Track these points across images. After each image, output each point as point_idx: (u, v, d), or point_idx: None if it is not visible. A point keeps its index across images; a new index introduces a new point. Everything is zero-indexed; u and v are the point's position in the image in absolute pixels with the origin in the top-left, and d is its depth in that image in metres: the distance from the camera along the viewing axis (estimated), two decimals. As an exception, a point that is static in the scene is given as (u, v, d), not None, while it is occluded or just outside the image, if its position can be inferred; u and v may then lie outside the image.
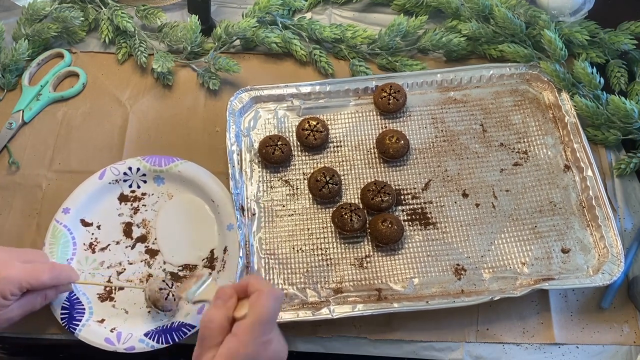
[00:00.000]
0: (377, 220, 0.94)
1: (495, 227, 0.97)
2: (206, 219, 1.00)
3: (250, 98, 1.08)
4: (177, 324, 0.90)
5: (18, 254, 0.85)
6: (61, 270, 0.86)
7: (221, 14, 1.25)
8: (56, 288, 0.86)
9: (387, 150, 1.01)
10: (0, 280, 0.78)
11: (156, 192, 1.03)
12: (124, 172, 1.03)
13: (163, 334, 0.90)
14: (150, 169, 1.03)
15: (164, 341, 0.89)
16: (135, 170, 1.03)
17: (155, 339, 0.89)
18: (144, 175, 1.03)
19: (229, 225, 0.97)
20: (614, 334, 0.92)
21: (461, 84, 1.10)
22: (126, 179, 1.03)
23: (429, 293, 0.92)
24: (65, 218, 0.99)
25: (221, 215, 0.99)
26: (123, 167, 1.03)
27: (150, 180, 1.04)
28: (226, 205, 0.99)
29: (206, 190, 1.01)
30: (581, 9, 1.11)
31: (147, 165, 1.03)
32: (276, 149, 1.01)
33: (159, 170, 1.03)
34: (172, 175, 1.03)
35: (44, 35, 1.17)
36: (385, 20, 1.21)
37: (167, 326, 0.91)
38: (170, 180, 1.04)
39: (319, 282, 0.94)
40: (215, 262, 0.97)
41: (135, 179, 1.03)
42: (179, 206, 1.02)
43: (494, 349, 0.91)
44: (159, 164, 1.03)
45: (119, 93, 1.15)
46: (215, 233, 0.99)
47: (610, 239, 0.93)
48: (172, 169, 1.02)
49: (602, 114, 1.03)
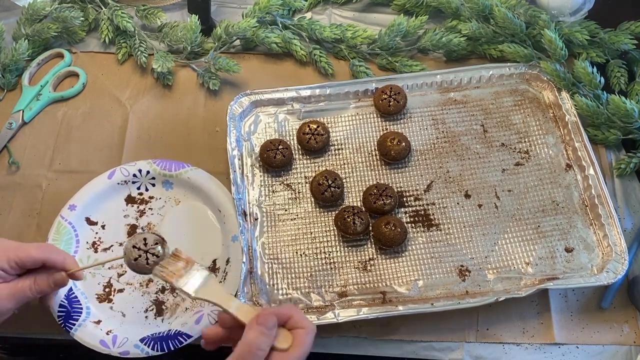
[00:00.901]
0: (380, 223, 0.94)
1: (499, 228, 0.97)
2: (211, 229, 1.00)
3: (250, 102, 1.08)
4: (173, 332, 0.90)
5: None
6: (53, 249, 0.83)
7: (221, 14, 1.25)
8: (48, 275, 0.82)
9: (389, 152, 1.01)
10: None
11: (164, 196, 1.03)
12: (134, 174, 1.02)
13: (159, 341, 0.89)
14: (160, 173, 1.02)
15: (159, 348, 0.89)
16: (145, 172, 1.02)
17: (151, 345, 0.89)
18: (153, 179, 1.03)
19: (233, 237, 0.97)
20: (614, 334, 0.92)
21: (461, 84, 1.10)
22: (135, 180, 1.03)
23: (434, 295, 0.92)
24: (70, 215, 0.98)
25: (227, 226, 0.98)
26: (133, 169, 1.02)
27: (159, 184, 1.04)
28: (232, 216, 0.98)
29: (214, 199, 1.00)
30: (581, 9, 1.11)
31: (157, 169, 1.02)
32: (277, 153, 1.01)
33: (168, 175, 1.03)
34: (181, 181, 1.02)
35: (44, 35, 1.17)
36: (385, 20, 1.21)
37: (164, 333, 0.90)
38: (178, 186, 1.03)
39: (323, 286, 0.94)
40: (217, 272, 0.96)
41: (144, 182, 1.03)
42: (185, 213, 1.02)
43: (494, 349, 0.91)
44: (169, 168, 1.02)
45: (119, 93, 1.15)
46: (219, 243, 0.99)
47: (614, 237, 0.94)
48: (181, 174, 1.02)
49: (603, 113, 1.04)
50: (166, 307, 0.94)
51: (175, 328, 0.91)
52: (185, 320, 0.91)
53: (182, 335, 0.90)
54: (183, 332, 0.90)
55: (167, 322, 0.93)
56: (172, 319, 0.93)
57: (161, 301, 0.94)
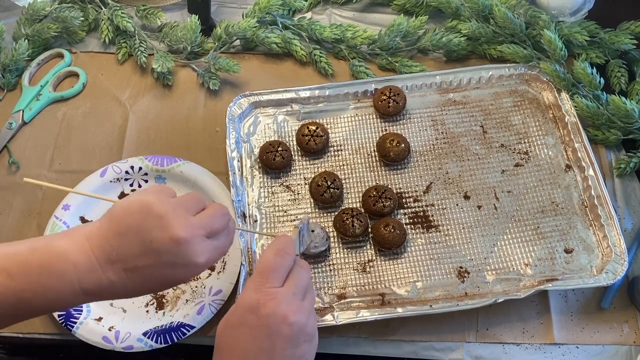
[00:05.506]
0: (380, 224, 0.94)
1: (498, 229, 0.97)
2: (207, 221, 1.00)
3: (250, 103, 1.08)
4: (176, 324, 0.90)
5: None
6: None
7: (221, 14, 1.25)
8: None
9: (388, 153, 1.01)
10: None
11: (157, 191, 1.03)
12: (126, 171, 1.02)
13: (162, 334, 0.90)
14: (152, 169, 1.03)
15: (162, 341, 0.89)
16: (137, 169, 1.03)
17: (154, 338, 0.89)
18: (145, 175, 1.03)
19: (229, 226, 0.97)
20: (614, 334, 0.92)
21: (460, 85, 1.10)
22: (127, 177, 1.03)
23: (433, 297, 0.92)
24: (64, 215, 0.98)
25: (222, 217, 0.99)
26: (125, 166, 1.03)
27: (151, 179, 1.04)
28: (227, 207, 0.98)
29: (207, 191, 1.00)
30: (581, 9, 1.11)
31: (149, 165, 1.03)
32: (277, 154, 1.01)
33: (160, 170, 1.03)
34: (174, 175, 1.03)
35: (44, 35, 1.17)
36: (385, 20, 1.21)
37: (166, 326, 0.91)
38: (171, 181, 1.03)
39: (322, 288, 0.94)
40: (215, 263, 0.97)
41: (136, 178, 1.03)
42: (180, 207, 1.02)
43: (494, 349, 0.91)
44: (161, 163, 1.03)
45: (119, 93, 1.15)
46: (215, 234, 0.99)
47: (614, 238, 0.93)
48: (174, 169, 1.02)
49: (603, 114, 1.04)
50: (167, 301, 0.94)
51: (177, 320, 0.91)
52: (187, 312, 0.92)
53: (185, 326, 0.90)
54: (186, 324, 0.90)
55: (169, 314, 0.93)
56: (173, 312, 0.93)
57: (161, 294, 0.95)
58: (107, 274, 0.64)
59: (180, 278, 0.68)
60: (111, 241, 0.64)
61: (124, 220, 0.65)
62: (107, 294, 0.65)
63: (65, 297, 0.63)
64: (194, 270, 0.67)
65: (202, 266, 0.67)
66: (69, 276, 0.62)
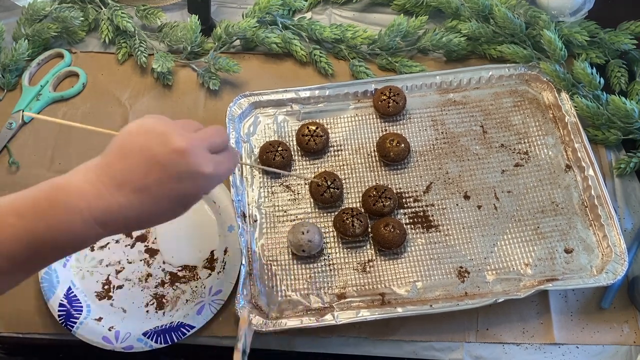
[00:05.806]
0: (380, 224, 0.94)
1: (498, 229, 0.97)
2: (207, 220, 1.00)
3: (250, 104, 1.08)
4: (176, 324, 0.91)
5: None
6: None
7: (221, 14, 1.25)
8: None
9: (388, 153, 1.01)
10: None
11: (156, 191, 1.03)
12: None
13: (162, 334, 0.90)
14: None
15: (162, 341, 0.89)
16: None
17: (154, 338, 0.89)
18: None
19: (229, 227, 0.98)
20: (614, 334, 0.92)
21: (460, 85, 1.10)
22: None
23: (433, 296, 0.92)
24: None
25: (222, 217, 0.99)
26: None
27: (151, 179, 1.03)
28: (227, 206, 0.99)
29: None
30: (581, 9, 1.11)
31: None
32: (276, 154, 1.01)
33: None
34: (175, 175, 1.02)
35: (44, 35, 1.17)
36: (385, 20, 1.21)
37: (166, 326, 0.91)
38: (170, 181, 1.03)
39: (322, 288, 0.94)
40: (215, 263, 0.97)
41: None
42: (179, 207, 1.02)
43: (494, 349, 0.92)
44: None
45: (119, 93, 1.15)
46: (215, 234, 0.99)
47: (614, 238, 0.93)
48: None
49: (603, 114, 1.04)
50: (167, 301, 0.94)
51: (177, 320, 0.91)
52: (187, 312, 0.92)
53: (185, 326, 0.90)
54: (185, 324, 0.90)
55: (169, 314, 0.93)
56: (173, 312, 0.93)
57: (161, 295, 0.95)
58: (116, 198, 0.63)
59: (190, 191, 0.67)
60: (116, 165, 0.64)
61: (127, 143, 0.65)
62: (120, 222, 0.65)
63: (78, 230, 0.62)
64: (202, 183, 0.67)
65: (208, 177, 0.67)
66: (78, 206, 0.62)
